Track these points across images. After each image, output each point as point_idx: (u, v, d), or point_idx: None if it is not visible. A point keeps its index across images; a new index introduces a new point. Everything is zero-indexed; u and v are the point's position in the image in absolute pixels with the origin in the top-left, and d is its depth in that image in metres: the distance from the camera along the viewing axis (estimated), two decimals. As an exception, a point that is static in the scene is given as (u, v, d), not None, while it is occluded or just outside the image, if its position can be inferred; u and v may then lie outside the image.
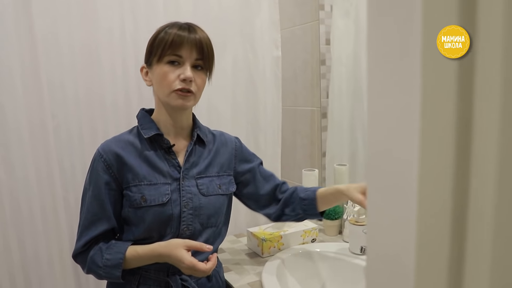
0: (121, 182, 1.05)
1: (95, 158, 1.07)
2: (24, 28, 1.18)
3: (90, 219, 1.06)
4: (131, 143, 1.08)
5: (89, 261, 1.04)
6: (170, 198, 1.05)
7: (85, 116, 1.31)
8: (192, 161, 1.11)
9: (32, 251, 1.28)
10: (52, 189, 1.28)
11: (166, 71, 1.02)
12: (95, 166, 1.06)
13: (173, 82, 1.02)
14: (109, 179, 1.05)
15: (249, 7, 1.60)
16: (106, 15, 1.30)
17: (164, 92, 1.04)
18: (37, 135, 1.24)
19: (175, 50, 1.01)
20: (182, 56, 1.02)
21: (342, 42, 1.67)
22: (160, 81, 1.04)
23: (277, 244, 1.41)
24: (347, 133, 1.72)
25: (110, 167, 1.04)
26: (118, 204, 1.07)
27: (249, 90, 1.66)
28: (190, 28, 1.04)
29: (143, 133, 1.07)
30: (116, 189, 1.06)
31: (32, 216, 1.27)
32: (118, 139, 1.09)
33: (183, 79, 1.02)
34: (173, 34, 1.02)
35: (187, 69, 1.02)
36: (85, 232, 1.06)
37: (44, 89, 1.22)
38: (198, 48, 1.03)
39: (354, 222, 1.33)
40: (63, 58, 1.25)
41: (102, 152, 1.06)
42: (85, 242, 1.05)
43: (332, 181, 1.72)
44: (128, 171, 1.05)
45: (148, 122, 1.10)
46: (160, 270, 1.07)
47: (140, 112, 1.14)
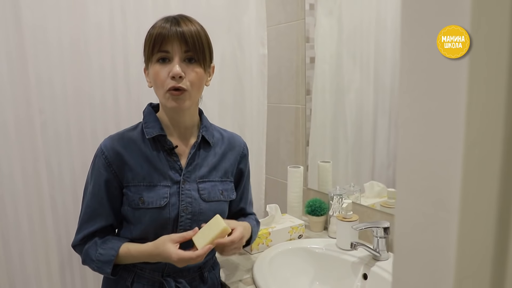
0: (122, 180, 1.04)
1: (97, 155, 1.05)
2: (11, 20, 1.14)
3: (90, 214, 1.06)
4: (134, 141, 1.06)
5: (84, 253, 1.05)
6: (168, 201, 1.03)
7: (72, 112, 1.28)
8: (194, 164, 1.08)
9: (16, 251, 1.24)
10: (38, 187, 1.24)
11: (157, 70, 0.99)
12: (96, 162, 1.05)
13: (164, 81, 0.98)
14: (109, 177, 1.04)
15: (237, 5, 1.61)
16: (96, 10, 1.28)
17: (160, 93, 1.01)
18: (24, 131, 1.20)
19: (160, 45, 0.97)
20: (169, 51, 0.98)
21: (325, 40, 1.70)
22: (154, 82, 1.01)
23: (265, 241, 1.42)
24: (329, 130, 1.76)
25: (111, 165, 1.03)
26: (118, 201, 1.07)
27: (236, 87, 1.67)
28: (173, 21, 0.99)
29: (146, 132, 1.05)
30: (116, 186, 1.05)
31: (17, 215, 1.22)
32: (121, 136, 1.07)
33: (172, 77, 0.97)
34: (157, 28, 0.98)
35: (174, 65, 0.97)
36: (84, 226, 1.06)
37: (32, 84, 1.19)
38: (183, 40, 0.97)
39: (342, 218, 1.36)
40: (51, 53, 1.22)
41: (104, 149, 1.04)
42: (83, 236, 1.06)
43: (315, 177, 1.76)
44: (128, 170, 1.03)
45: (152, 120, 1.07)
46: (156, 270, 1.06)
47: (147, 108, 1.11)
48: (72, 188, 1.32)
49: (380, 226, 1.27)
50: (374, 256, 1.29)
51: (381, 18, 1.51)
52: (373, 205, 1.51)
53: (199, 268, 1.12)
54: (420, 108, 0.41)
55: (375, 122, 1.58)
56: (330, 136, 1.76)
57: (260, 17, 1.69)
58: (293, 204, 1.68)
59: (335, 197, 1.53)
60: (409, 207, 0.43)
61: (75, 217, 1.31)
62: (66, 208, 1.31)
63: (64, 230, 1.32)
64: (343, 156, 1.73)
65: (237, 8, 1.61)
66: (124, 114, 1.37)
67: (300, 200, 1.69)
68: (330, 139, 1.76)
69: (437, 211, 0.40)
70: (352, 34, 1.63)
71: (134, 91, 1.38)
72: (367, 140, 1.62)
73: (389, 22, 1.48)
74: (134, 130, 1.09)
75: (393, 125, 1.54)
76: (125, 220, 1.08)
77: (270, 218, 1.48)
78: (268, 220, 1.48)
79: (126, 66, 1.35)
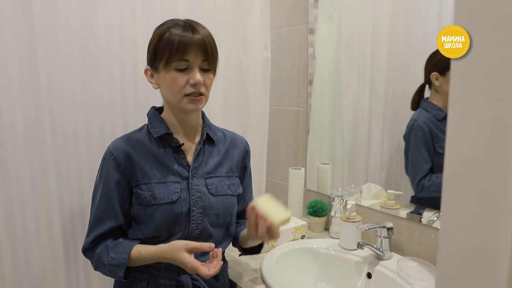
0: (131, 180, 1.06)
1: (106, 156, 1.07)
2: (23, 24, 1.14)
3: (99, 216, 1.07)
4: (141, 141, 1.09)
5: (95, 258, 1.06)
6: (179, 196, 1.06)
7: (81, 114, 1.28)
8: (201, 160, 1.12)
9: (23, 254, 1.23)
10: (46, 188, 1.24)
11: (175, 77, 1.01)
12: (105, 164, 1.07)
13: (183, 88, 1.02)
14: (119, 177, 1.05)
15: (242, 9, 1.63)
16: (105, 12, 1.28)
17: (175, 98, 1.04)
18: (33, 132, 1.20)
19: (182, 55, 1.00)
20: (189, 60, 1.01)
21: (325, 44, 1.74)
22: (169, 87, 1.03)
23: (270, 241, 1.45)
24: (327, 133, 1.80)
25: (120, 165, 1.05)
26: (127, 202, 1.08)
27: (240, 90, 1.69)
28: (193, 29, 1.02)
29: (153, 132, 1.08)
30: (125, 186, 1.06)
31: (24, 215, 1.22)
32: (128, 138, 1.10)
33: (194, 84, 1.01)
34: (178, 36, 0.99)
35: (196, 74, 1.01)
36: (93, 229, 1.07)
37: (42, 87, 1.19)
38: (203, 49, 1.01)
39: (345, 219, 1.40)
40: (61, 56, 1.22)
41: (112, 150, 1.06)
42: (93, 238, 1.06)
43: (315, 179, 1.79)
44: (137, 170, 1.05)
45: (158, 121, 1.10)
46: (171, 270, 1.08)
47: (151, 111, 1.14)
48: (79, 189, 1.31)
49: (385, 227, 1.31)
50: (377, 256, 1.33)
51: (377, 26, 1.56)
52: (371, 206, 1.55)
53: None
54: (473, 112, 0.44)
55: (369, 126, 1.63)
56: (328, 138, 1.80)
57: (264, 21, 1.72)
58: (294, 205, 1.71)
59: (336, 198, 1.57)
60: (457, 206, 0.47)
61: (81, 218, 1.32)
62: (72, 209, 1.31)
63: (70, 230, 1.31)
64: (339, 158, 1.77)
65: (243, 11, 1.63)
66: (132, 116, 1.38)
67: (301, 201, 1.72)
68: (328, 141, 1.80)
69: (488, 210, 0.43)
70: (350, 40, 1.67)
71: (142, 93, 1.38)
72: (362, 143, 1.67)
73: (385, 32, 1.54)
74: (140, 131, 1.12)
75: (386, 129, 1.59)
76: (135, 221, 1.09)
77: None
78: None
79: (135, 68, 1.36)
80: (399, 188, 1.51)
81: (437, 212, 1.36)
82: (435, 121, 1.37)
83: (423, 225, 1.35)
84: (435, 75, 1.34)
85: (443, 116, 1.36)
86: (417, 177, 1.40)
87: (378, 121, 1.61)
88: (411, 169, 1.43)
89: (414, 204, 1.44)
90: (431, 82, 1.36)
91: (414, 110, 1.43)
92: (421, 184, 1.39)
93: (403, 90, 1.52)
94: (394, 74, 1.54)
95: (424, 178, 1.38)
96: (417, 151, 1.40)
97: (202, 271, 0.97)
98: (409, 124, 1.43)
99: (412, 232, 1.37)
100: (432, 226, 1.34)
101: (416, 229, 1.36)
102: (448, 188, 0.48)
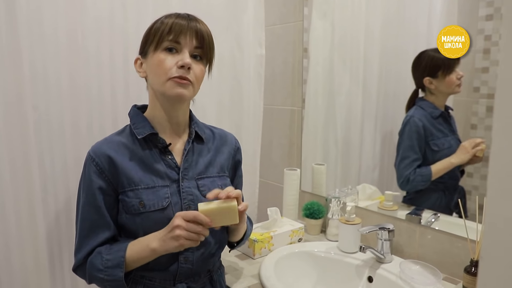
0: (116, 187, 0.98)
1: (86, 162, 0.99)
2: (4, 10, 1.05)
3: (89, 228, 0.98)
4: (124, 144, 1.00)
5: (88, 266, 0.96)
6: (170, 201, 0.98)
7: (68, 107, 1.20)
8: (191, 161, 1.04)
9: (2, 256, 1.13)
10: (30, 189, 1.14)
11: (162, 58, 0.95)
12: (87, 171, 0.98)
13: (169, 69, 0.95)
14: (102, 184, 0.97)
15: (236, 4, 1.57)
16: (95, 3, 1.21)
17: (160, 80, 0.96)
18: (15, 126, 1.10)
19: (174, 36, 0.95)
20: (181, 43, 0.96)
21: (319, 43, 1.70)
22: (155, 69, 0.97)
23: (267, 245, 1.40)
24: (321, 133, 1.76)
25: (103, 171, 0.97)
26: (114, 210, 1.00)
27: (234, 88, 1.63)
28: (190, 16, 0.99)
29: (137, 133, 1.00)
30: (111, 194, 0.98)
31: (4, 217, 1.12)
32: (110, 141, 1.01)
33: (181, 66, 0.94)
34: (171, 21, 0.96)
35: (185, 55, 0.95)
36: (85, 242, 0.98)
37: (26, 77, 1.10)
38: (199, 36, 0.97)
39: (345, 221, 1.36)
40: (46, 45, 1.13)
41: (93, 155, 0.98)
42: (86, 253, 0.97)
43: (308, 180, 1.75)
44: (122, 175, 0.97)
45: (141, 120, 1.03)
46: (166, 279, 1.01)
47: (132, 110, 1.06)
48: (65, 188, 1.23)
49: (386, 229, 1.28)
50: (378, 259, 1.29)
51: (370, 28, 1.55)
52: (366, 207, 1.52)
53: (209, 271, 1.08)
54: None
55: (362, 125, 1.61)
56: (321, 138, 1.76)
57: (258, 18, 1.67)
58: (289, 207, 1.66)
59: (333, 199, 1.53)
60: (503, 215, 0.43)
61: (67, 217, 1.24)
62: (58, 210, 1.22)
63: (55, 226, 1.23)
64: (333, 158, 1.74)
65: (237, 7, 1.58)
66: (122, 111, 1.30)
67: (296, 203, 1.67)
68: (321, 141, 1.77)
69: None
70: (344, 39, 1.64)
71: (133, 87, 1.31)
72: (355, 143, 1.64)
73: (377, 33, 1.52)
74: (122, 133, 1.04)
75: (378, 129, 1.57)
76: (123, 230, 1.01)
77: (272, 222, 1.46)
78: (270, 223, 1.46)
79: (125, 61, 1.29)
80: (390, 188, 1.50)
81: (435, 213, 1.34)
82: (430, 119, 1.37)
83: (423, 227, 1.33)
84: (428, 80, 1.34)
85: (439, 114, 1.36)
86: (405, 172, 1.40)
87: (370, 121, 1.59)
88: (399, 163, 1.43)
89: (406, 204, 1.44)
90: (423, 86, 1.37)
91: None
92: (407, 177, 1.39)
93: (394, 90, 1.52)
94: (385, 74, 1.54)
95: (411, 173, 1.39)
96: (409, 147, 1.40)
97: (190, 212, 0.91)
98: (404, 120, 1.43)
99: (413, 233, 1.34)
100: (430, 227, 1.31)
101: (416, 231, 1.33)
102: (493, 195, 0.44)
